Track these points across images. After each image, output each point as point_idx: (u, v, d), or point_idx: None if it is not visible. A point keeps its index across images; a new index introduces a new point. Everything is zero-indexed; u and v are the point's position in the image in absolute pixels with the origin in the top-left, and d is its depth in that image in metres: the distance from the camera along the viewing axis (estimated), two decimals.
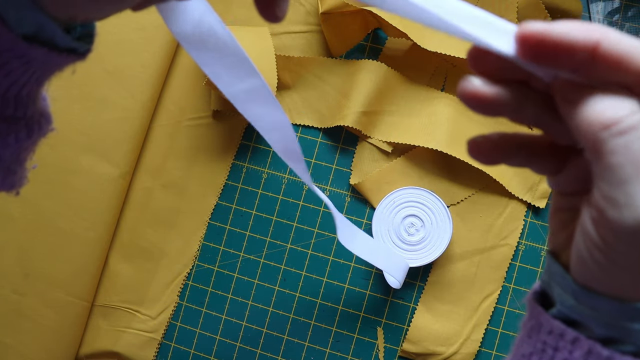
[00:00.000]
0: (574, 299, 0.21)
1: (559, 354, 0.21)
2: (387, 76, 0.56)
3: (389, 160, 0.57)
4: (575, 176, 0.22)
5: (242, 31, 0.56)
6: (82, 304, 0.56)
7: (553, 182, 0.24)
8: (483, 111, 0.22)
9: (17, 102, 0.24)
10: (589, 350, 0.20)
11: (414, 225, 0.53)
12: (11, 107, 0.24)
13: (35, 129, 0.26)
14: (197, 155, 0.59)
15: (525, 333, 0.24)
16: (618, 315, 0.20)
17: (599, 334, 0.20)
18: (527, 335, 0.23)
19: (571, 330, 0.21)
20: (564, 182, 0.23)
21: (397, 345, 0.55)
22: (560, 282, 0.22)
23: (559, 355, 0.21)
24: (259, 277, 0.58)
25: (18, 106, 0.25)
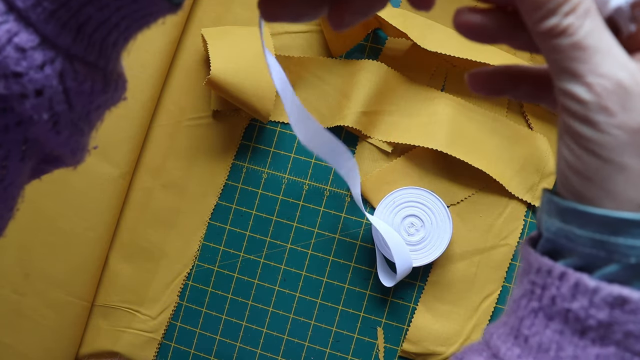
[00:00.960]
0: (561, 220, 0.21)
1: (547, 291, 0.21)
2: (387, 76, 0.56)
3: (389, 160, 0.57)
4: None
5: (242, 31, 0.56)
6: (82, 304, 0.56)
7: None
8: (478, 37, 0.22)
9: (102, 47, 0.24)
10: (576, 283, 0.20)
11: (414, 225, 0.53)
12: (96, 52, 0.23)
13: (112, 86, 0.25)
14: (197, 155, 0.59)
15: (519, 277, 0.23)
16: (602, 229, 0.19)
17: (587, 256, 0.20)
18: (518, 280, 0.23)
19: (558, 265, 0.20)
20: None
21: (397, 345, 0.55)
22: (547, 209, 0.22)
23: (547, 293, 0.21)
24: (259, 277, 0.58)
25: (102, 53, 0.24)
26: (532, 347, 0.21)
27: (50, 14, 0.21)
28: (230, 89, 0.53)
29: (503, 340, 0.23)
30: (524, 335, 0.21)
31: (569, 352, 0.20)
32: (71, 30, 0.22)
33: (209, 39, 0.54)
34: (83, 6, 0.21)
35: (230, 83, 0.52)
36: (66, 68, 0.22)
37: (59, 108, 0.23)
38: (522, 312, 0.22)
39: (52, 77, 0.22)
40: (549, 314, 0.21)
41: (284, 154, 0.58)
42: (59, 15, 0.21)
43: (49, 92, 0.22)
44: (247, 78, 0.53)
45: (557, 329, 0.20)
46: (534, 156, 0.55)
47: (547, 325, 0.21)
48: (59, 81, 0.22)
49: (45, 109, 0.22)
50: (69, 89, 0.23)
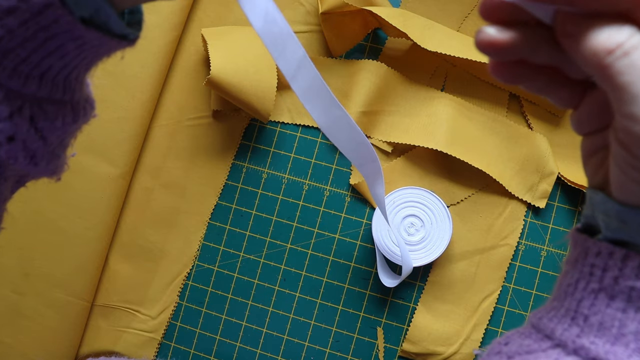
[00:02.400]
0: (620, 221, 0.21)
1: (609, 273, 0.21)
2: (387, 76, 0.56)
3: (389, 160, 0.57)
4: (594, 112, 0.23)
5: (242, 31, 0.56)
6: (82, 303, 0.56)
7: (576, 122, 0.24)
8: (500, 56, 0.22)
9: (65, 85, 0.25)
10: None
11: (414, 225, 0.53)
12: (60, 91, 0.25)
13: (81, 113, 0.27)
14: (197, 155, 0.59)
15: (570, 264, 0.24)
16: None
17: None
18: (571, 265, 0.24)
19: (620, 248, 0.21)
20: (585, 119, 0.24)
21: (397, 345, 0.55)
22: (603, 209, 0.22)
23: (608, 275, 0.21)
24: (259, 277, 0.58)
25: (67, 90, 0.25)
26: (592, 325, 0.22)
27: (12, 70, 0.22)
28: (230, 89, 0.53)
29: (558, 322, 0.23)
30: (584, 315, 0.22)
31: (632, 328, 0.21)
32: (34, 79, 0.23)
33: (209, 39, 0.54)
34: (43, 59, 0.23)
35: (230, 83, 0.52)
36: (35, 111, 0.24)
37: (33, 146, 0.24)
38: (580, 294, 0.22)
39: (21, 123, 0.23)
40: (610, 293, 0.21)
41: (284, 154, 0.58)
42: (20, 70, 0.23)
43: (20, 136, 0.24)
44: (247, 78, 0.53)
45: (620, 307, 0.21)
46: (534, 156, 0.55)
47: (608, 305, 0.21)
48: (30, 125, 0.24)
49: (20, 151, 0.24)
50: (41, 129, 0.24)
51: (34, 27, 0.22)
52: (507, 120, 0.56)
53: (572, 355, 0.22)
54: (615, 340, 0.21)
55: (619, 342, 0.21)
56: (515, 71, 0.23)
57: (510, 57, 0.22)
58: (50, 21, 0.21)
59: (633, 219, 0.21)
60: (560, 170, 0.54)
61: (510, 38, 0.21)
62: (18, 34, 0.22)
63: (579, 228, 0.24)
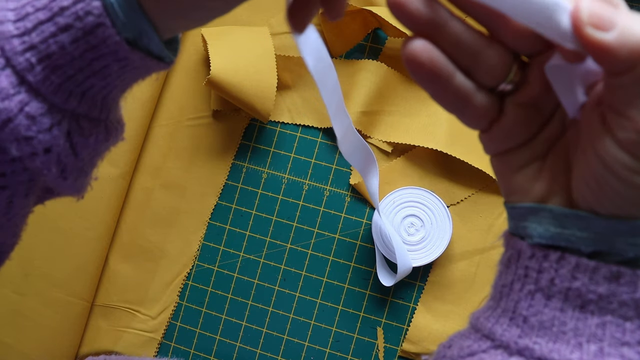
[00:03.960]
0: (559, 227, 0.22)
1: (544, 275, 0.22)
2: (387, 76, 0.56)
3: (389, 160, 0.57)
4: (518, 123, 0.23)
5: (242, 31, 0.56)
6: (82, 303, 0.56)
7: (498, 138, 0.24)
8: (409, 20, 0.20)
9: (103, 104, 0.26)
10: (576, 265, 0.21)
11: (414, 225, 0.53)
12: (98, 109, 0.26)
13: (113, 133, 0.28)
14: (197, 155, 0.59)
15: (504, 265, 0.24)
16: (612, 233, 0.21)
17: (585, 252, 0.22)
18: (505, 266, 0.24)
19: (553, 251, 0.22)
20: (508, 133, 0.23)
21: (397, 345, 0.55)
22: (534, 219, 0.23)
23: (544, 277, 0.22)
24: (259, 277, 0.58)
25: (104, 109, 0.27)
26: (532, 325, 0.22)
27: (58, 86, 0.24)
28: (230, 89, 0.53)
29: (495, 322, 0.24)
30: (523, 316, 0.23)
31: (571, 326, 0.22)
32: (76, 96, 0.25)
33: (209, 39, 0.54)
34: (88, 78, 0.24)
35: (230, 83, 0.52)
36: (73, 126, 0.25)
37: (66, 160, 0.26)
38: (516, 295, 0.23)
39: (59, 136, 0.25)
40: (547, 294, 0.22)
41: (284, 154, 0.58)
42: (66, 87, 0.24)
43: (56, 149, 0.25)
44: (247, 78, 0.53)
45: (558, 306, 0.22)
46: None
47: (546, 305, 0.22)
48: (66, 139, 0.25)
49: (54, 163, 0.25)
50: (76, 144, 0.26)
51: (83, 46, 0.23)
52: None
53: (516, 356, 0.22)
54: (556, 339, 0.22)
55: (560, 340, 0.22)
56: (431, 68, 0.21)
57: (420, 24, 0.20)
58: (99, 40, 0.23)
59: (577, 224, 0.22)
60: None
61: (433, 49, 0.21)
62: (68, 52, 0.23)
63: (512, 233, 0.25)
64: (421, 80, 0.22)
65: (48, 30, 0.23)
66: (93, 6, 0.22)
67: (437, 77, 0.21)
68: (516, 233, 0.24)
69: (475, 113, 0.23)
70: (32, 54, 0.23)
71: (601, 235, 0.21)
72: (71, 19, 0.23)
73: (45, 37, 0.23)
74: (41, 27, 0.23)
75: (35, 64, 0.23)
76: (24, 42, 0.23)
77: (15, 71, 0.23)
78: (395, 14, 0.20)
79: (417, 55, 0.21)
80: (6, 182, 0.26)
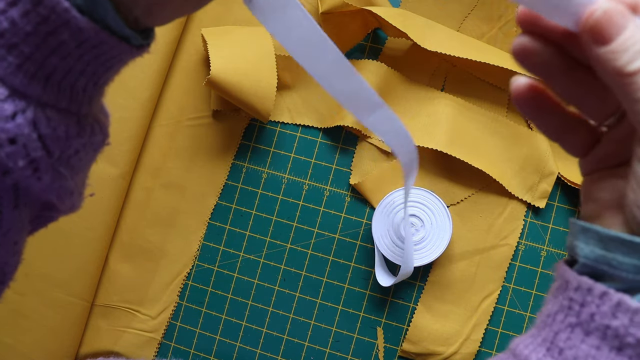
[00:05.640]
0: (602, 248, 0.22)
1: (586, 309, 0.21)
2: (387, 76, 0.56)
3: (389, 160, 0.57)
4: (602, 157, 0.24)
5: (242, 31, 0.56)
6: (82, 303, 0.56)
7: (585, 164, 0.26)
8: (533, 67, 0.23)
9: (72, 95, 0.25)
10: (618, 303, 0.21)
11: (414, 225, 0.53)
12: (66, 99, 0.25)
13: (88, 130, 0.27)
14: (197, 155, 0.59)
15: (551, 294, 0.24)
16: None
17: (629, 281, 0.21)
18: (552, 295, 0.24)
19: (600, 285, 0.21)
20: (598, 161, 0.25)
21: (397, 345, 0.55)
22: (582, 238, 0.23)
23: (585, 310, 0.21)
24: (259, 277, 0.58)
25: (73, 99, 0.25)
26: (566, 358, 0.22)
27: (17, 67, 0.22)
28: (230, 89, 0.53)
29: (533, 350, 0.23)
30: (559, 348, 0.22)
31: None
32: (39, 80, 0.23)
33: (209, 39, 0.54)
34: (47, 57, 0.23)
35: (230, 83, 0.52)
36: (39, 116, 0.23)
37: (35, 154, 0.24)
38: (557, 326, 0.23)
39: (23, 125, 0.23)
40: (586, 329, 0.21)
41: (284, 154, 0.58)
42: (26, 68, 0.23)
43: (22, 139, 0.23)
44: (247, 78, 0.53)
45: (594, 344, 0.21)
46: (534, 156, 0.55)
47: (583, 340, 0.21)
48: (32, 129, 0.23)
49: (20, 156, 0.23)
50: (44, 136, 0.24)
51: (35, 19, 0.22)
52: (507, 120, 0.56)
53: None
54: None
55: None
56: (535, 102, 0.24)
57: (541, 69, 0.23)
58: (49, 10, 0.22)
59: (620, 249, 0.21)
60: (560, 170, 0.54)
61: (545, 48, 0.22)
62: (21, 27, 0.22)
63: (566, 260, 0.25)
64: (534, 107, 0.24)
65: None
66: None
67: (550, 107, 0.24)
68: (570, 252, 0.24)
69: (577, 142, 0.25)
70: None
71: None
72: None
73: None
74: None
75: None
76: None
77: None
78: (522, 64, 0.22)
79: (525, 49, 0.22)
80: None
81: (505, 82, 0.56)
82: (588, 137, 0.25)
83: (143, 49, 0.26)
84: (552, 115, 0.24)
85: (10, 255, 0.29)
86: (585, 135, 0.25)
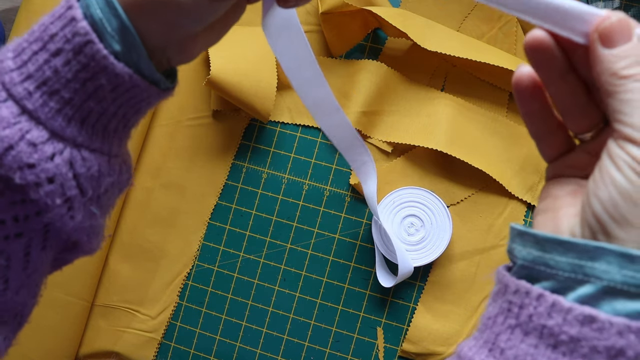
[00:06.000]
0: (539, 249, 0.23)
1: (524, 310, 0.23)
2: (387, 76, 0.56)
3: (389, 160, 0.57)
4: (571, 164, 0.26)
5: (242, 31, 0.56)
6: (82, 303, 0.56)
7: (552, 168, 0.27)
8: (539, 63, 0.24)
9: (104, 136, 0.27)
10: (553, 304, 0.22)
11: (414, 225, 0.53)
12: (99, 140, 0.27)
13: (117, 170, 0.29)
14: (197, 155, 0.59)
15: (491, 298, 0.26)
16: (582, 256, 0.22)
17: (564, 280, 0.23)
18: (492, 299, 0.26)
19: (536, 287, 0.23)
20: (566, 167, 0.27)
21: (397, 345, 0.55)
22: (520, 241, 0.24)
23: (524, 312, 0.23)
24: (259, 277, 0.58)
25: (105, 140, 0.27)
26: (507, 358, 0.23)
27: (57, 112, 0.25)
28: (230, 89, 0.53)
29: (476, 352, 0.25)
30: (500, 348, 0.24)
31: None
32: (76, 123, 0.26)
33: None
34: (84, 102, 0.25)
35: (230, 83, 0.52)
36: (74, 156, 0.26)
37: (70, 193, 0.26)
38: (498, 327, 0.24)
39: (61, 165, 0.25)
40: (525, 330, 0.23)
41: (284, 154, 0.58)
42: (65, 112, 0.25)
43: (59, 179, 0.25)
44: (247, 78, 0.53)
45: (532, 342, 0.23)
46: (534, 156, 0.55)
47: (522, 340, 0.23)
48: (69, 168, 0.26)
49: (58, 195, 0.26)
50: (79, 175, 0.26)
51: (76, 67, 0.24)
52: (507, 120, 0.56)
53: None
54: None
55: None
56: (532, 93, 0.25)
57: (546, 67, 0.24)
58: (89, 58, 0.24)
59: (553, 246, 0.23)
60: None
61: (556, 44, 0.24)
62: (62, 75, 0.25)
63: (505, 266, 0.26)
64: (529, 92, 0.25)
65: (42, 58, 0.25)
66: (79, 27, 0.24)
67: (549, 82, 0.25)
68: (509, 256, 0.26)
69: (553, 145, 0.27)
70: (30, 82, 0.25)
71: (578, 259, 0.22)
72: (61, 42, 0.24)
73: (40, 64, 0.25)
74: (35, 56, 0.25)
75: (32, 91, 0.25)
76: (22, 74, 0.25)
77: (15, 101, 0.24)
78: (531, 56, 0.24)
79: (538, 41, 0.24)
80: (21, 229, 0.26)
81: (505, 82, 0.56)
82: (563, 144, 0.27)
83: (169, 92, 0.28)
84: (540, 112, 0.26)
85: (31, 296, 0.31)
86: (562, 142, 0.27)
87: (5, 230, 0.26)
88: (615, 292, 0.22)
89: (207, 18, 0.26)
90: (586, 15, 0.23)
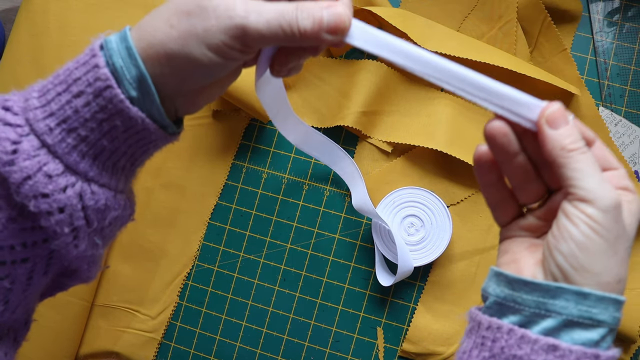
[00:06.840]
0: (510, 288, 0.27)
1: (497, 343, 0.27)
2: (387, 76, 0.56)
3: (389, 160, 0.57)
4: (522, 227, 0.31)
5: None
6: (82, 303, 0.56)
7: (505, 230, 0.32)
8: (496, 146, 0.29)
9: (113, 172, 0.30)
10: (522, 336, 0.26)
11: (414, 225, 0.53)
12: (108, 176, 0.29)
13: (121, 205, 0.31)
14: (197, 155, 0.59)
15: (466, 335, 0.29)
16: (545, 295, 0.26)
17: (530, 314, 0.27)
18: (467, 336, 0.29)
19: (507, 323, 0.27)
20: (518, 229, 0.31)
21: (397, 345, 0.55)
22: (495, 280, 0.28)
23: (497, 345, 0.27)
24: (259, 277, 0.58)
25: (113, 176, 0.30)
26: None
27: (73, 147, 0.28)
28: (230, 89, 0.53)
29: None
30: None
31: None
32: (89, 159, 0.28)
33: None
34: (99, 140, 0.28)
35: None
36: (85, 189, 0.28)
37: (78, 223, 0.28)
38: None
39: (72, 197, 0.28)
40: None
41: (284, 154, 0.58)
42: (80, 149, 0.28)
43: (69, 209, 0.28)
44: (247, 78, 0.53)
45: None
46: None
47: None
48: (79, 200, 0.28)
49: (66, 224, 0.28)
50: (87, 207, 0.28)
51: (94, 108, 0.27)
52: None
53: None
54: None
55: None
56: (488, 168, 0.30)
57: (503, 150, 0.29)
58: (107, 101, 0.27)
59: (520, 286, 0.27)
60: None
61: (509, 131, 0.29)
62: (82, 115, 0.27)
63: (478, 307, 0.30)
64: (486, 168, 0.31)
65: (64, 99, 0.27)
66: (101, 73, 0.27)
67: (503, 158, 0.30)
68: (483, 293, 0.29)
69: (507, 214, 0.31)
70: (52, 119, 0.27)
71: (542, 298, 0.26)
72: (83, 86, 0.27)
73: (62, 104, 0.27)
74: (59, 97, 0.28)
75: (53, 127, 0.27)
76: (45, 111, 0.28)
77: (37, 135, 0.27)
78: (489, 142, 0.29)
79: (496, 130, 0.29)
80: (27, 254, 0.29)
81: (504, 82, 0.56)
82: (514, 211, 0.31)
83: (175, 137, 0.31)
84: (496, 184, 0.31)
85: (26, 314, 0.33)
86: (513, 209, 0.31)
87: (13, 255, 0.28)
88: (573, 324, 0.26)
89: (217, 74, 0.29)
90: (531, 105, 0.28)
